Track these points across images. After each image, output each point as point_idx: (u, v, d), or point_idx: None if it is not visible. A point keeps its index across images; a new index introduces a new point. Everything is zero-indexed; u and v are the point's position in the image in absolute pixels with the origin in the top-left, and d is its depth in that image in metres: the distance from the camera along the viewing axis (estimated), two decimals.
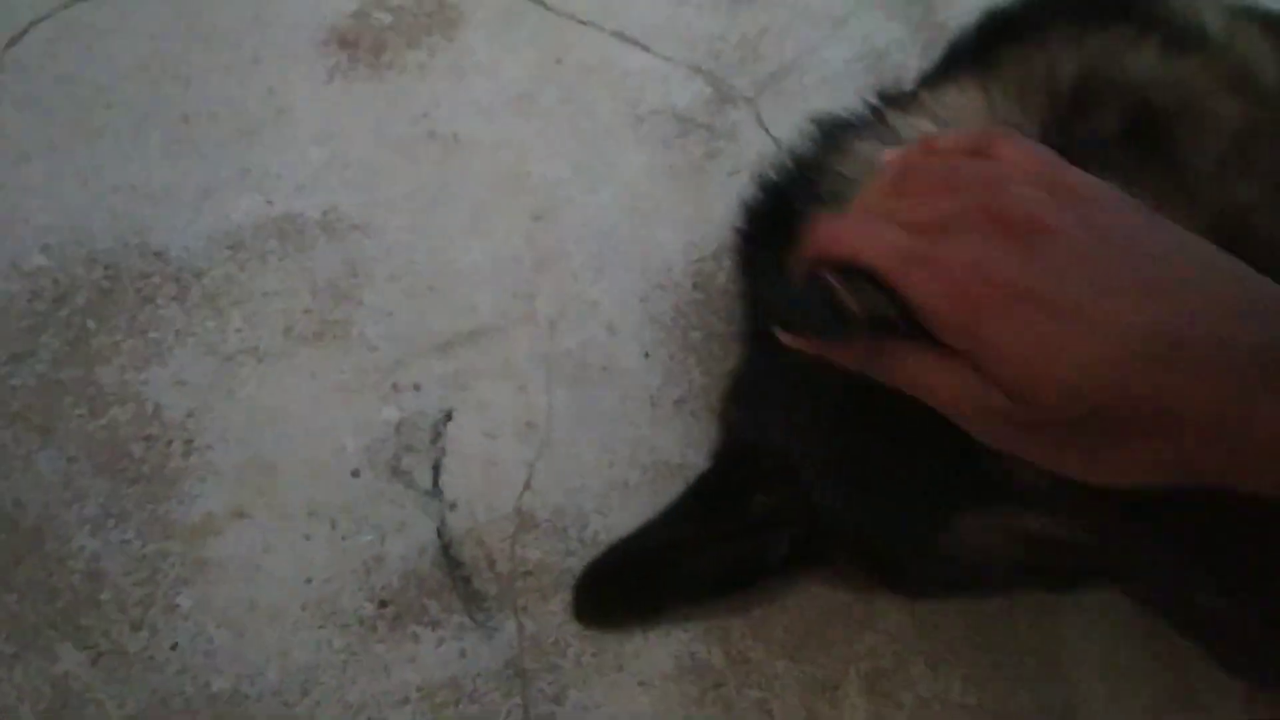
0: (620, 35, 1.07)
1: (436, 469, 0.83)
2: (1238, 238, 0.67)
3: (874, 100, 0.79)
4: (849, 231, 0.54)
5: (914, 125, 0.74)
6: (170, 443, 0.80)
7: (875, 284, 0.53)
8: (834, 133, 0.80)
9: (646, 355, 0.91)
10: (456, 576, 0.80)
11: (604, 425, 0.87)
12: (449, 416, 0.85)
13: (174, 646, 0.74)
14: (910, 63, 1.09)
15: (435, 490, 0.82)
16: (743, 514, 0.79)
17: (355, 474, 0.82)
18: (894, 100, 0.78)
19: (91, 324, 0.84)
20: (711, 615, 0.81)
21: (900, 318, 0.52)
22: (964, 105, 0.74)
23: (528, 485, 0.84)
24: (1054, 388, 0.49)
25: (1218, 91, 0.71)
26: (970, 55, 0.80)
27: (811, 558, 0.81)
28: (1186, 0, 0.77)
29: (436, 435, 0.84)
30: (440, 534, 0.81)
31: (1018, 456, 0.54)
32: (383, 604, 0.78)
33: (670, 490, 0.84)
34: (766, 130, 1.03)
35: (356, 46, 1.00)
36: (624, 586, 0.81)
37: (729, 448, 0.84)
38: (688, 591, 0.81)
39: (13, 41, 0.95)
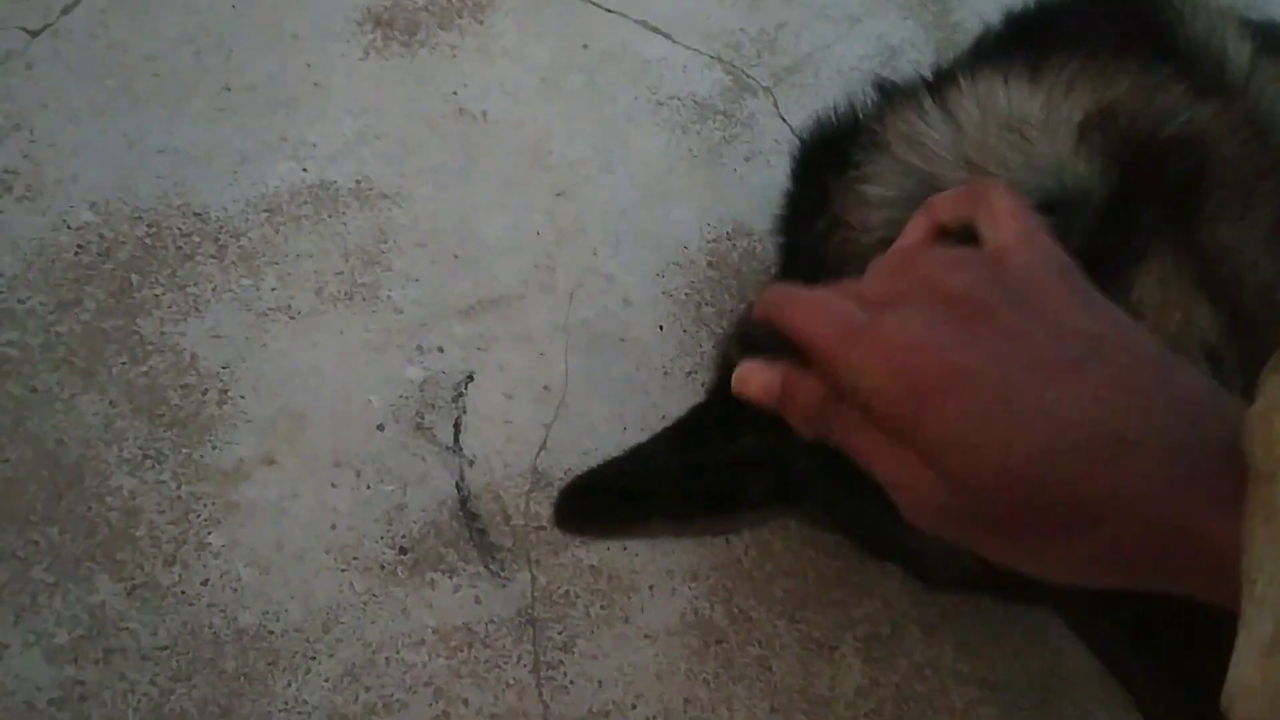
0: (644, 24, 1.11)
1: (457, 426, 0.87)
2: (1227, 280, 0.71)
3: (924, 75, 0.83)
4: (800, 302, 0.56)
5: (955, 106, 0.77)
6: (206, 391, 0.84)
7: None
8: (885, 97, 0.84)
9: (661, 328, 0.95)
10: (473, 528, 0.83)
11: (618, 392, 0.91)
12: (470, 378, 0.89)
13: (204, 582, 0.78)
14: (924, 61, 1.13)
15: (455, 446, 0.86)
16: (727, 449, 0.84)
17: (380, 428, 0.86)
18: (940, 79, 0.82)
19: (134, 278, 0.88)
20: (715, 573, 0.85)
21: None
22: (1003, 98, 0.77)
23: (543, 446, 0.87)
24: (993, 473, 0.49)
25: (1227, 138, 0.74)
26: (1002, 51, 0.83)
27: (787, 499, 0.86)
28: (1212, 30, 0.80)
29: (458, 395, 0.88)
30: (459, 488, 0.85)
31: None
32: (403, 551, 0.81)
33: None
34: (783, 118, 1.07)
35: (391, 26, 1.04)
36: (605, 502, 0.86)
37: (723, 385, 0.87)
38: (665, 513, 0.86)
39: (66, 9, 0.99)
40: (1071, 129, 0.73)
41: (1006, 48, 0.83)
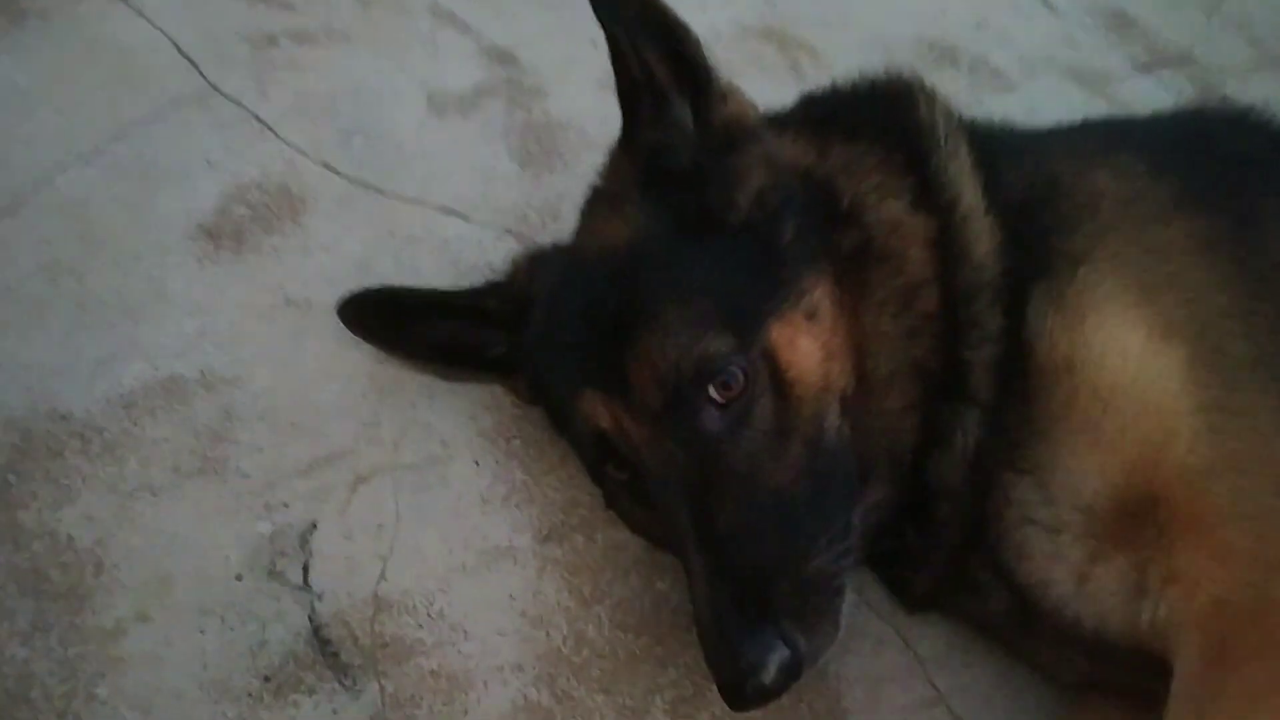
0: (442, 209, 1.30)
1: (305, 569, 1.02)
2: (864, 360, 0.91)
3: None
4: None
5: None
6: (83, 566, 0.98)
7: None
8: None
9: (476, 463, 1.12)
10: (326, 652, 0.98)
11: (443, 521, 1.07)
12: (314, 526, 1.04)
13: None
14: None
15: (305, 585, 1.01)
16: (475, 302, 1.12)
17: (239, 578, 1.00)
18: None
19: (11, 477, 1.02)
20: (539, 663, 1.00)
21: None
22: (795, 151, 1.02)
23: (382, 575, 1.03)
24: None
25: (922, 248, 0.96)
26: (802, 119, 1.08)
27: (510, 371, 1.12)
28: (960, 178, 1.00)
29: (304, 541, 1.03)
30: (311, 620, 0.99)
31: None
32: (266, 679, 0.95)
33: (501, 568, 1.05)
34: None
35: (220, 236, 1.21)
36: (375, 312, 1.12)
37: (499, 283, 1.13)
38: (424, 346, 1.13)
39: None
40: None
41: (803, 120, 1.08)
